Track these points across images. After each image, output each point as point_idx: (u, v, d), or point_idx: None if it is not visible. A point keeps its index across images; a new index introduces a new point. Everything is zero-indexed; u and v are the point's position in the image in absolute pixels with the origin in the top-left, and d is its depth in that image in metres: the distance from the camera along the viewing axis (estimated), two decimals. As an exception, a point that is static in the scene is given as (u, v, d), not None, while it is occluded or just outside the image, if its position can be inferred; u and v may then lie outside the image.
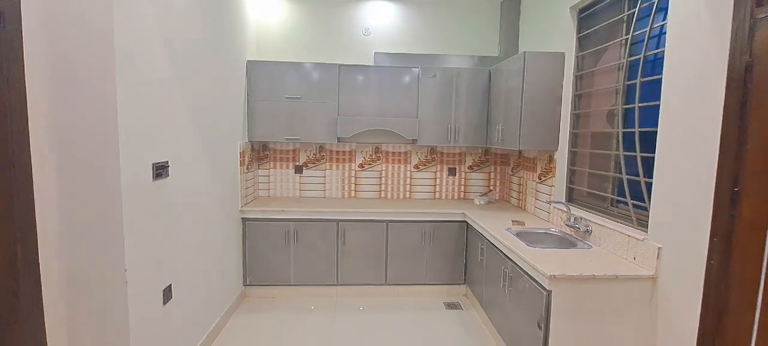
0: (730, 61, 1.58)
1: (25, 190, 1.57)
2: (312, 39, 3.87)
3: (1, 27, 1.46)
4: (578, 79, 2.84)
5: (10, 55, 1.49)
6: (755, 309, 1.49)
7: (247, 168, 3.54)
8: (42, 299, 1.64)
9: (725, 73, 1.60)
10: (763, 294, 1.46)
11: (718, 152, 1.63)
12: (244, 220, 3.36)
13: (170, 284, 2.14)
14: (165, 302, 2.09)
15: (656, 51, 2.12)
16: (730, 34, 1.58)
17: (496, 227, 2.85)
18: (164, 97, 2.07)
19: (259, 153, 3.88)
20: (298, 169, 3.94)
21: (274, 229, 3.38)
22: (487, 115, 3.64)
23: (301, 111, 3.53)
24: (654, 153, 1.99)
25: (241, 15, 3.33)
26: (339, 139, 3.65)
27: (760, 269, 1.47)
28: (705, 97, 1.69)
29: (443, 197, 4.06)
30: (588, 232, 2.53)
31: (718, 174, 1.63)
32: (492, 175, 4.09)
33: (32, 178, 1.59)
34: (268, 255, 3.40)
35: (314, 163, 3.94)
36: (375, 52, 3.84)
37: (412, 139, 3.73)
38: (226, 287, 3.03)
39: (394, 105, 3.58)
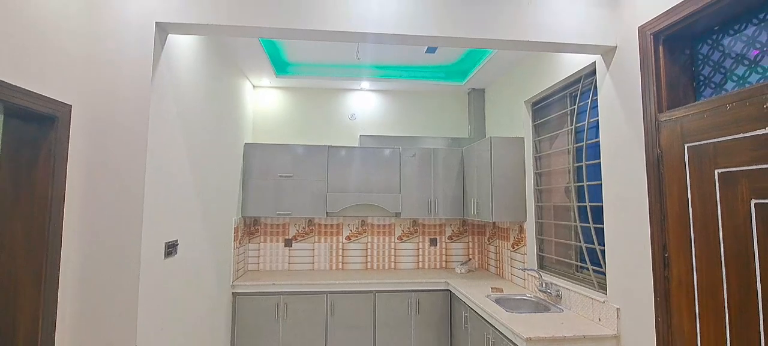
0: (646, 152, 2.03)
1: (53, 270, 1.72)
2: (303, 123, 4.30)
3: (54, 129, 1.73)
4: (537, 159, 3.31)
5: (58, 153, 1.74)
6: (695, 358, 1.75)
7: (240, 243, 3.69)
8: (50, 380, 1.71)
9: (644, 158, 2.04)
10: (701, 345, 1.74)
11: (648, 224, 2.01)
12: (234, 295, 3.43)
13: (168, 362, 2.20)
14: (162, 380, 2.13)
15: (595, 140, 2.60)
16: (643, 132, 2.05)
17: (477, 295, 3.08)
18: (179, 181, 2.32)
19: (250, 228, 4.05)
20: (288, 243, 4.10)
21: (263, 302, 3.45)
22: (463, 190, 4.03)
23: (293, 188, 3.81)
24: (603, 224, 2.37)
25: (242, 104, 3.73)
26: (328, 214, 3.90)
27: (695, 323, 1.77)
28: (633, 178, 2.11)
29: (426, 267, 4.27)
30: (559, 296, 2.80)
31: (651, 242, 1.99)
32: (470, 244, 4.38)
33: (60, 260, 1.75)
34: (258, 329, 3.43)
35: (303, 236, 4.13)
36: (360, 135, 4.28)
37: (396, 213, 4.04)
38: (214, 365, 3.02)
39: (378, 182, 3.93)
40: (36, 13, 1.61)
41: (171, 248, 2.19)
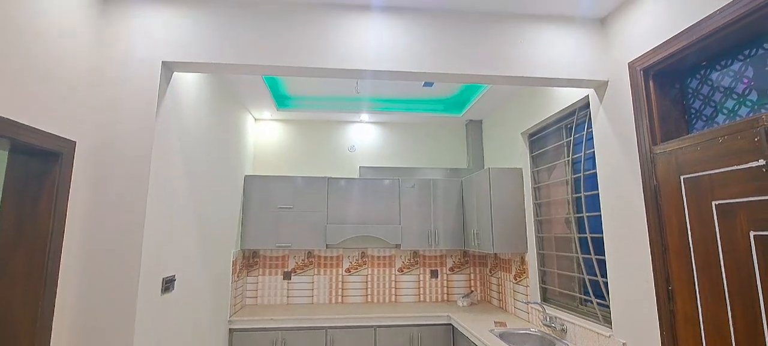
0: (643, 183, 2.05)
1: (49, 303, 1.70)
2: (303, 155, 4.34)
3: (58, 165, 1.76)
4: (536, 190, 3.32)
5: (61, 187, 1.76)
6: (706, 397, 1.69)
7: (238, 276, 3.64)
8: None
9: (642, 189, 2.05)
10: (710, 382, 1.69)
11: (650, 256, 1.99)
12: (231, 331, 3.35)
13: (161, 404, 2.12)
14: None
15: (592, 171, 2.62)
16: (638, 164, 2.07)
17: (480, 330, 3.00)
18: (179, 216, 2.32)
19: (249, 260, 4.01)
20: (287, 276, 4.04)
21: (261, 339, 3.36)
22: (463, 220, 4.02)
23: (292, 220, 3.80)
24: (605, 256, 2.35)
25: (243, 137, 3.79)
26: (327, 246, 3.87)
27: (703, 359, 1.72)
28: (632, 210, 2.11)
29: (427, 300, 4.19)
30: (564, 330, 2.73)
31: (654, 275, 1.97)
32: (472, 275, 4.31)
33: (56, 291, 1.73)
34: (253, 369, 3.32)
35: (302, 269, 4.08)
36: (360, 166, 4.32)
37: (396, 244, 4.00)
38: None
39: (378, 213, 3.93)
40: (44, 53, 1.67)
41: (168, 284, 2.16)
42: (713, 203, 1.67)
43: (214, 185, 2.95)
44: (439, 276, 4.25)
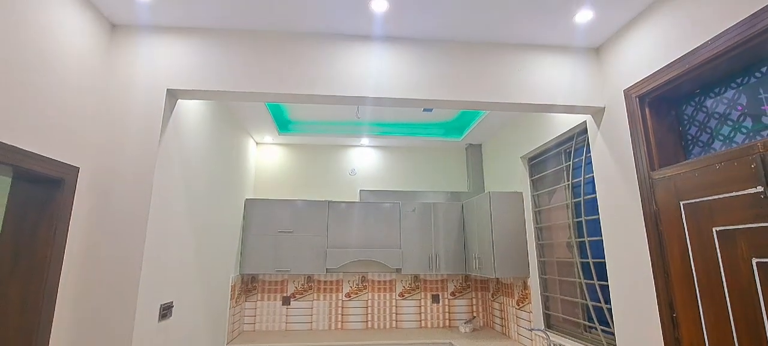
0: (643, 208, 2.05)
1: (43, 337, 1.67)
2: (304, 178, 4.36)
3: (60, 192, 1.77)
4: (537, 214, 3.32)
5: (62, 214, 1.77)
6: None
7: (236, 301, 3.59)
8: None
9: (642, 215, 2.05)
10: (720, 415, 1.64)
11: (653, 282, 1.97)
12: (228, 359, 3.27)
13: None
14: None
15: (593, 195, 2.63)
16: (638, 190, 2.08)
17: (482, 357, 2.93)
18: (178, 241, 2.32)
19: (247, 285, 3.96)
20: (286, 301, 3.98)
21: (258, 368, 3.28)
22: (464, 244, 3.99)
23: (292, 244, 3.77)
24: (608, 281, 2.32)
25: (244, 161, 3.82)
26: (327, 270, 3.83)
27: (712, 390, 1.68)
28: (633, 235, 2.11)
29: (429, 325, 4.11)
30: (568, 358, 2.67)
31: (658, 302, 1.94)
32: (474, 300, 4.25)
33: (52, 327, 1.71)
34: (250, 399, 3.22)
35: (302, 294, 4.02)
36: (360, 190, 4.33)
37: (396, 268, 3.96)
38: None
39: (378, 237, 3.91)
40: (53, 80, 1.72)
41: (166, 310, 2.13)
42: (714, 229, 1.67)
43: (214, 209, 2.95)
44: (440, 301, 4.18)
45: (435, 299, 4.18)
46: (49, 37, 1.68)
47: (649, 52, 2.02)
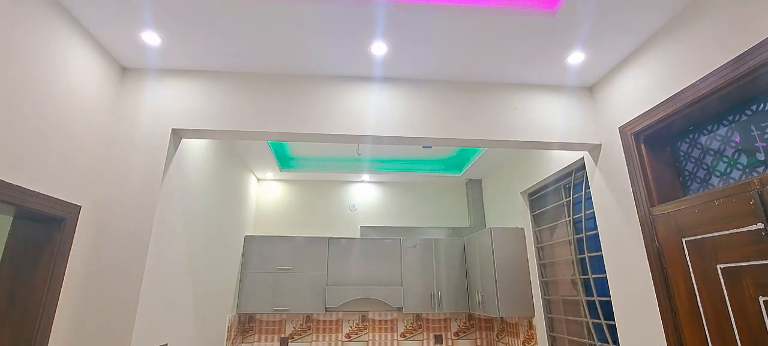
0: (646, 246, 2.03)
1: (31, 384, 1.61)
2: (304, 214, 4.35)
3: (60, 231, 1.77)
4: (539, 250, 3.28)
5: (61, 255, 1.76)
6: None
7: (232, 343, 3.47)
8: None
9: (645, 252, 2.02)
10: None
11: (661, 322, 1.92)
12: (221, 405, 3.13)
13: None
14: None
15: (595, 232, 2.61)
16: (639, 226, 2.07)
17: (488, 403, 2.80)
18: (175, 281, 2.28)
19: (244, 325, 3.85)
20: (284, 342, 3.85)
21: (253, 415, 3.12)
22: (466, 282, 3.91)
23: (291, 281, 3.71)
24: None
25: (245, 198, 3.83)
26: (327, 309, 3.74)
27: None
28: (638, 273, 2.07)
29: (432, 368, 3.94)
30: (578, 404, 2.54)
31: (666, 342, 1.88)
32: (479, 341, 4.10)
33: (41, 371, 1.65)
34: None
35: (300, 334, 3.90)
36: (361, 226, 4.30)
37: (398, 307, 3.86)
38: None
39: (379, 274, 3.84)
40: (62, 120, 1.76)
41: (159, 354, 2.07)
42: (718, 266, 1.65)
43: (213, 246, 2.93)
44: (443, 342, 4.04)
45: (438, 339, 4.05)
46: (61, 79, 1.75)
47: (641, 91, 2.07)
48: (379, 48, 2.08)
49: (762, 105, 1.68)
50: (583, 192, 2.72)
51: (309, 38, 1.99)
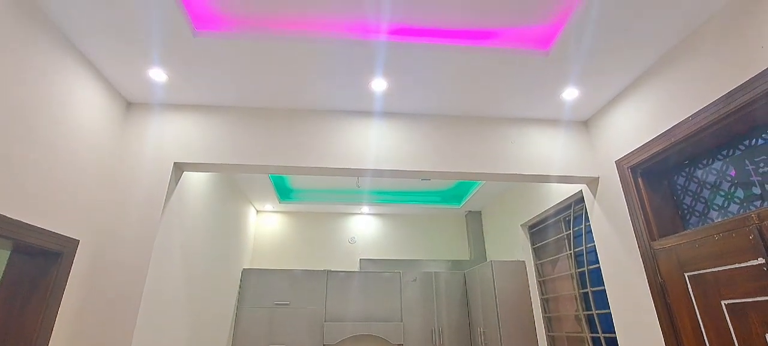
0: (649, 281, 2.00)
1: None
2: (303, 247, 4.30)
3: (57, 265, 1.75)
4: (541, 284, 3.23)
5: (55, 290, 1.73)
6: None
7: (225, 383, 3.34)
8: None
9: (648, 287, 1.99)
10: None
11: (668, 361, 1.86)
12: None
13: None
14: None
15: (597, 265, 2.58)
16: (640, 260, 2.05)
17: None
18: (170, 318, 2.23)
19: (238, 364, 3.71)
20: (279, 382, 3.70)
21: None
22: (468, 317, 3.82)
23: (289, 317, 3.61)
24: (620, 360, 2.19)
25: (244, 230, 3.80)
26: (324, 346, 3.62)
27: None
28: (642, 308, 2.03)
29: (433, 410, 3.77)
30: None
31: (676, 383, 1.82)
32: (481, 380, 3.95)
33: (26, 414, 1.58)
34: None
35: (296, 373, 3.75)
36: (360, 258, 4.25)
37: (398, 344, 3.74)
38: None
39: (378, 309, 3.75)
40: (65, 155, 1.78)
41: (150, 395, 1.99)
42: (722, 302, 1.62)
43: (210, 281, 2.88)
44: (445, 381, 3.88)
45: (439, 378, 3.89)
46: (67, 114, 1.79)
47: (635, 126, 2.12)
48: (379, 84, 2.14)
49: (755, 140, 1.71)
50: (584, 225, 2.71)
51: (311, 75, 2.06)
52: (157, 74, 2.03)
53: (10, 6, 1.47)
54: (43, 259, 1.74)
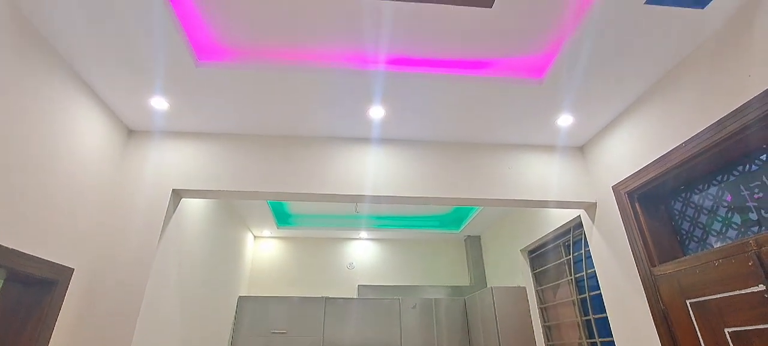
0: (651, 307, 1.98)
1: None
2: (301, 272, 4.25)
3: (50, 294, 1.73)
4: (543, 311, 3.17)
5: (48, 320, 1.70)
6: None
7: (219, 417, 3.22)
8: None
9: (650, 315, 1.96)
10: None
11: (675, 392, 1.81)
12: None
13: None
14: None
15: (598, 292, 2.55)
16: (641, 287, 2.03)
17: None
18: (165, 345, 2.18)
19: (233, 396, 3.59)
20: (274, 415, 3.57)
21: None
22: (469, 345, 3.73)
23: (286, 346, 3.53)
24: (626, 391, 2.13)
25: (241, 256, 3.76)
26: (322, 377, 3.52)
27: None
28: (645, 336, 2.00)
29: None
30: None
31: (683, 415, 1.77)
32: (484, 412, 3.81)
33: None
34: None
35: (292, 406, 3.62)
36: (359, 285, 4.19)
37: (397, 374, 3.64)
38: None
39: (377, 337, 3.67)
40: (62, 185, 1.79)
41: None
42: (726, 330, 1.60)
43: (205, 309, 2.83)
44: (446, 414, 3.75)
45: (440, 410, 3.76)
46: (69, 141, 1.80)
47: (630, 152, 2.14)
48: (376, 112, 2.17)
49: (748, 166, 1.73)
50: (583, 250, 2.70)
51: (312, 104, 2.09)
52: (159, 103, 2.06)
53: (14, 34, 1.52)
54: (38, 288, 1.72)
